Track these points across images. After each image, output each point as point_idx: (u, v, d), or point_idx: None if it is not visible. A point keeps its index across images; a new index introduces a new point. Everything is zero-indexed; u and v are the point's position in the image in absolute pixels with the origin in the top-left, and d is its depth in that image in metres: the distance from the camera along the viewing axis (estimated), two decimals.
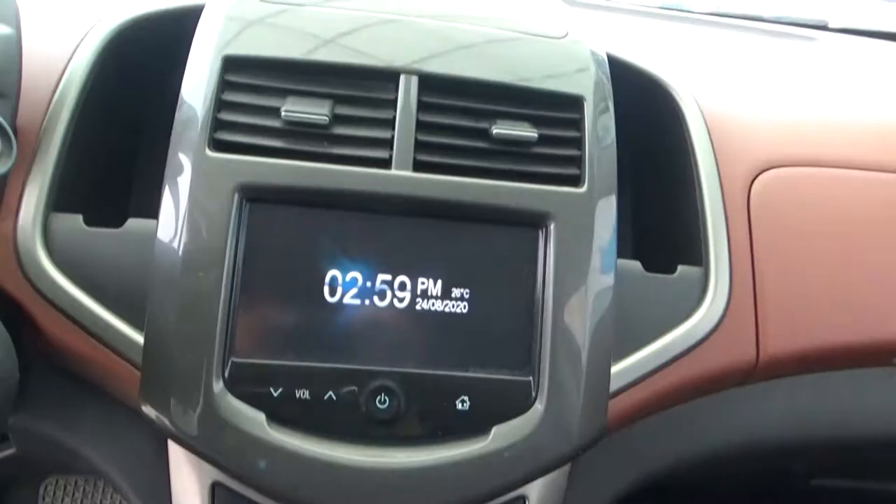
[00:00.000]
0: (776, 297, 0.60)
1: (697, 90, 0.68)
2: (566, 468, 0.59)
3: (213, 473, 0.55)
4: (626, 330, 0.56)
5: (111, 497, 1.31)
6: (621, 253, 0.56)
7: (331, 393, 0.50)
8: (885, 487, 0.84)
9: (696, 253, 0.61)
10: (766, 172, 0.64)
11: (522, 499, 0.57)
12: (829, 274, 0.62)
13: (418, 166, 0.52)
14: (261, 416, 0.49)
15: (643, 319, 0.58)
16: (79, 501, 1.29)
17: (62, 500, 1.30)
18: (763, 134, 0.68)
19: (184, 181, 0.50)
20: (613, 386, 0.55)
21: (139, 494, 0.58)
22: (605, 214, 0.54)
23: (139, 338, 0.52)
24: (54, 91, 0.57)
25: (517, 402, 0.51)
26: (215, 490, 0.55)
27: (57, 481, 1.30)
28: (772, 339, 0.59)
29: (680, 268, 0.60)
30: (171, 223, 0.50)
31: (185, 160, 0.51)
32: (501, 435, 0.51)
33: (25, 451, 0.63)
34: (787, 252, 0.61)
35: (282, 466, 0.49)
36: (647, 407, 0.58)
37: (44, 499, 1.29)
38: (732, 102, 0.71)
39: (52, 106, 0.57)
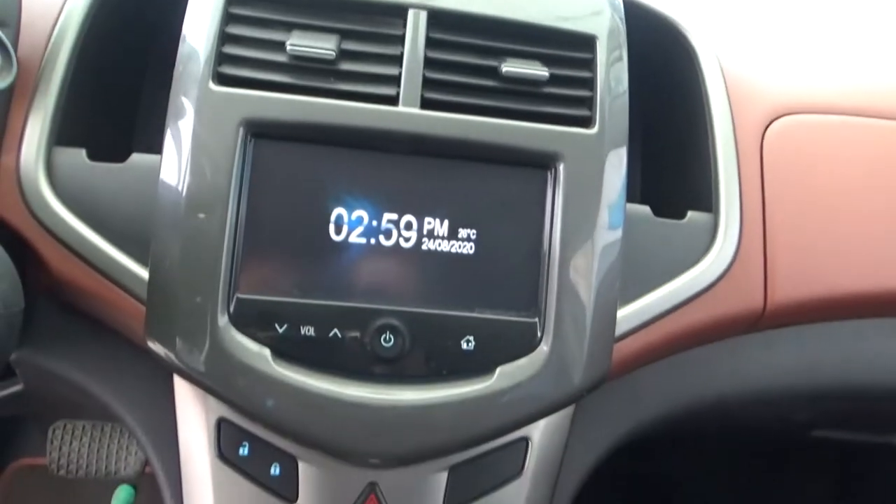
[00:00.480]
0: (786, 244, 0.60)
1: (713, 36, 0.66)
2: (569, 410, 0.59)
3: (219, 409, 0.55)
4: (633, 274, 0.56)
5: (118, 442, 1.33)
6: (631, 198, 0.56)
7: (336, 331, 0.50)
8: (886, 440, 0.84)
9: (706, 199, 0.61)
10: (780, 119, 0.63)
11: (525, 440, 0.58)
12: (839, 223, 0.61)
13: (426, 104, 0.51)
14: (266, 352, 0.49)
15: (651, 264, 0.57)
16: (87, 445, 1.31)
17: (70, 444, 1.32)
18: (778, 80, 0.67)
19: (187, 116, 0.49)
20: (619, 330, 0.55)
21: (145, 430, 0.59)
22: (616, 156, 0.53)
23: (143, 273, 0.51)
24: (55, 24, 0.56)
25: (522, 343, 0.51)
26: (221, 426, 0.55)
27: (65, 425, 1.32)
28: (780, 286, 0.59)
29: (690, 213, 0.60)
30: (174, 158, 0.49)
31: (189, 95, 0.50)
32: (506, 375, 0.51)
33: (33, 388, 0.63)
34: (799, 199, 0.61)
35: (287, 401, 0.49)
36: (652, 352, 0.58)
37: (52, 442, 1.32)
38: (748, 49, 0.69)
39: (53, 39, 0.56)
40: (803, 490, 1.34)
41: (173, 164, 0.49)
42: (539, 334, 0.51)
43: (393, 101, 0.51)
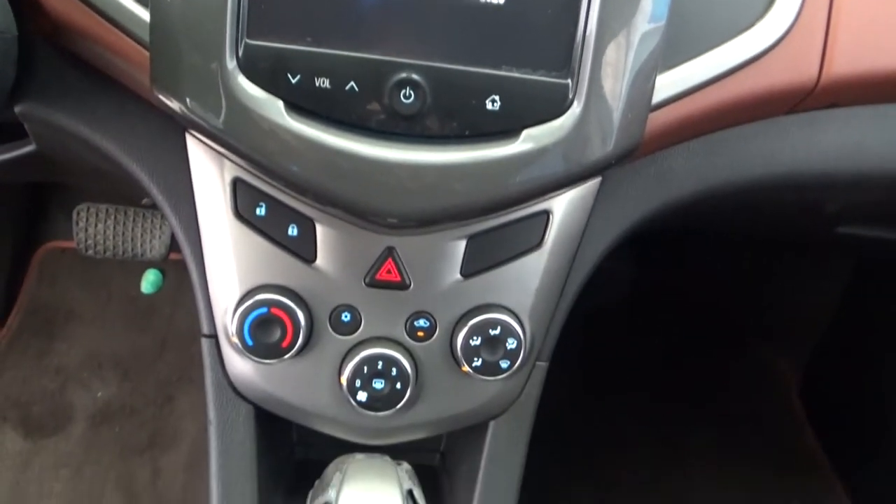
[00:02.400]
0: (850, 12, 0.54)
1: None
2: (594, 186, 0.57)
3: (234, 170, 0.54)
4: (679, 35, 0.50)
5: (142, 225, 1.36)
6: None
7: (353, 83, 0.46)
8: None
9: None
10: None
11: (546, 213, 0.56)
12: None
13: None
14: (279, 104, 0.46)
15: (701, 24, 0.52)
16: (111, 228, 1.35)
17: (95, 226, 1.36)
18: None
19: None
20: (657, 97, 0.51)
21: (162, 191, 0.58)
22: None
23: (144, 13, 0.47)
24: None
25: (551, 106, 0.48)
26: (237, 186, 0.54)
27: (88, 208, 1.35)
28: (838, 58, 0.53)
29: None
30: None
31: None
32: (532, 138, 0.48)
33: (46, 148, 0.62)
34: None
35: (303, 156, 0.47)
36: (689, 127, 0.55)
37: (77, 224, 1.35)
38: None
39: None
40: (813, 287, 1.37)
41: None
42: (570, 96, 0.48)
43: None
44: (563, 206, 0.56)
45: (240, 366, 0.59)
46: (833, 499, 1.29)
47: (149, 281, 1.45)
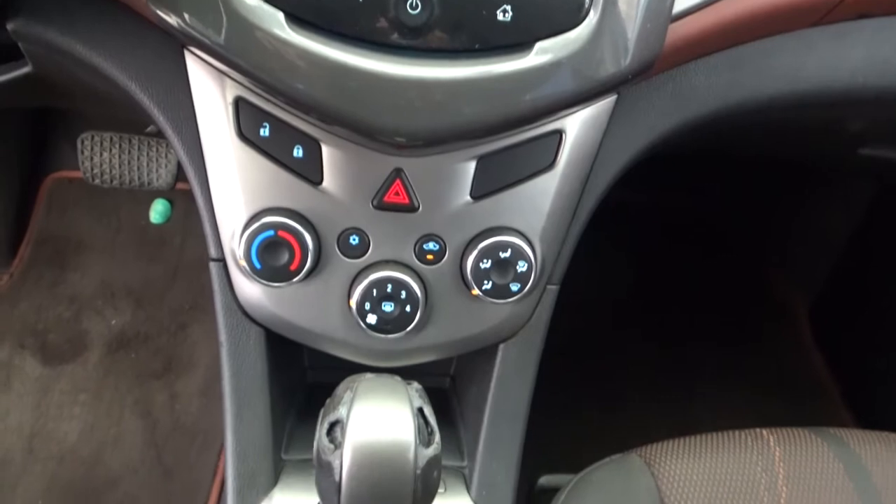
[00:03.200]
0: None
1: None
2: (609, 105, 0.55)
3: (236, 88, 0.52)
4: None
5: (147, 154, 1.35)
6: None
7: None
8: None
9: None
10: None
11: (559, 133, 0.54)
12: None
13: None
14: (279, 15, 0.44)
15: None
16: (116, 156, 1.34)
17: (100, 155, 1.34)
18: None
19: None
20: (679, 6, 0.48)
21: (162, 112, 0.56)
22: None
23: None
24: None
25: (566, 16, 0.45)
26: (239, 105, 0.52)
27: (93, 136, 1.33)
28: None
29: None
30: None
31: None
32: (545, 51, 0.46)
33: (42, 69, 0.60)
34: None
35: (305, 71, 0.45)
36: (712, 38, 0.52)
37: (82, 152, 1.34)
38: None
39: None
40: (830, 215, 1.35)
41: None
42: (586, 4, 0.45)
43: None
44: (576, 125, 0.54)
45: (249, 289, 0.59)
46: (838, 424, 1.31)
47: (157, 211, 1.45)
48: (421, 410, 0.42)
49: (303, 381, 0.80)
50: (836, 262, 1.41)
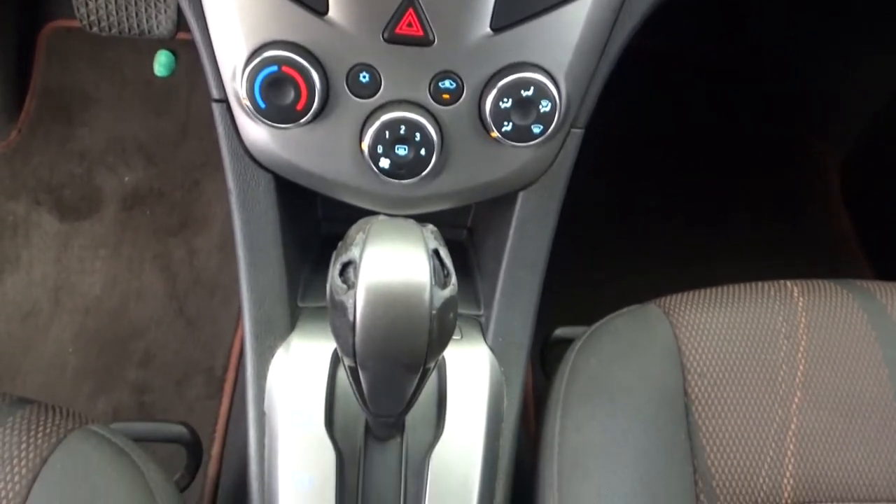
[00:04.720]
0: None
1: None
2: None
3: None
4: None
5: (146, 10, 1.27)
6: None
7: None
8: None
9: None
10: None
11: None
12: None
13: None
14: None
15: None
16: (112, 2, 1.26)
17: (95, 0, 1.27)
18: None
19: None
20: None
21: None
22: None
23: None
24: None
25: None
26: None
27: None
28: None
29: None
30: None
31: None
32: None
33: None
34: None
35: None
36: None
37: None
38: None
39: None
40: (870, 75, 1.27)
41: None
42: None
43: None
44: None
45: (255, 132, 0.56)
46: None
47: (161, 63, 1.39)
48: (437, 252, 0.40)
49: (317, 233, 0.79)
50: (870, 123, 1.34)
